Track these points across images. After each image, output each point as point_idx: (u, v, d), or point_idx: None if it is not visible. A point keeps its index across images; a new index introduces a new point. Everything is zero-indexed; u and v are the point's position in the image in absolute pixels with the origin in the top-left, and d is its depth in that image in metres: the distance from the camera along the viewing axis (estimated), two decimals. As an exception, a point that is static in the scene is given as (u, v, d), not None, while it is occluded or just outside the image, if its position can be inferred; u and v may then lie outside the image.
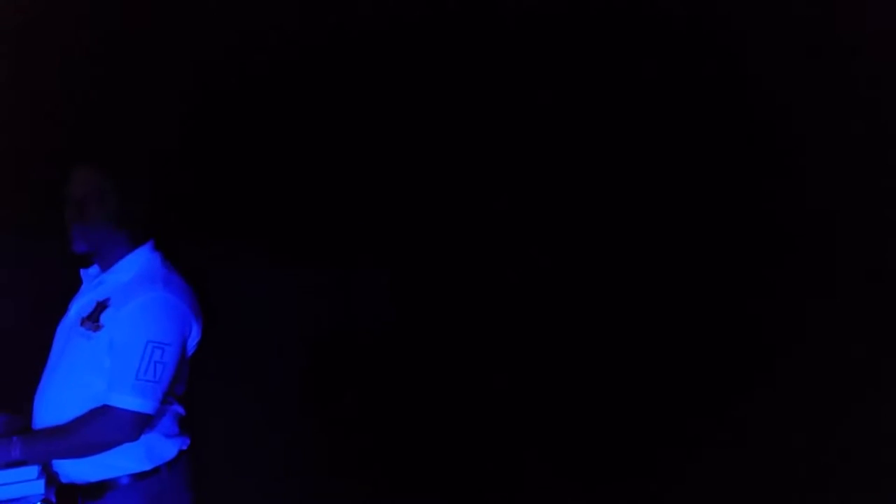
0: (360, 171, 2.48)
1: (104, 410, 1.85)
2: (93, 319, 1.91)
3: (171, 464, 1.97)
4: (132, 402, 1.84)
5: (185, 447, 2.02)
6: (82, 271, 2.06)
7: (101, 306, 1.91)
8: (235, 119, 2.45)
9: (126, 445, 1.88)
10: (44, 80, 2.40)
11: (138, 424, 1.86)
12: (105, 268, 1.99)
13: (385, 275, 2.47)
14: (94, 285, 2.00)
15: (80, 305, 1.99)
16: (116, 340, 1.87)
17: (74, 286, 2.15)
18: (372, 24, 2.42)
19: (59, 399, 1.91)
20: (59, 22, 2.36)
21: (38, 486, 1.83)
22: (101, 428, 1.85)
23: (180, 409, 2.02)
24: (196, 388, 2.07)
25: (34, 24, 2.36)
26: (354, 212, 2.49)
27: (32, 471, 1.84)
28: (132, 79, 2.41)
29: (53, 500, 1.84)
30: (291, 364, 2.42)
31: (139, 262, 1.97)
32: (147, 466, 1.93)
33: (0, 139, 2.37)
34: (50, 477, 1.89)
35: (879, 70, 2.02)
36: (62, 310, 2.11)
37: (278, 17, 2.43)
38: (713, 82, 2.24)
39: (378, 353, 2.42)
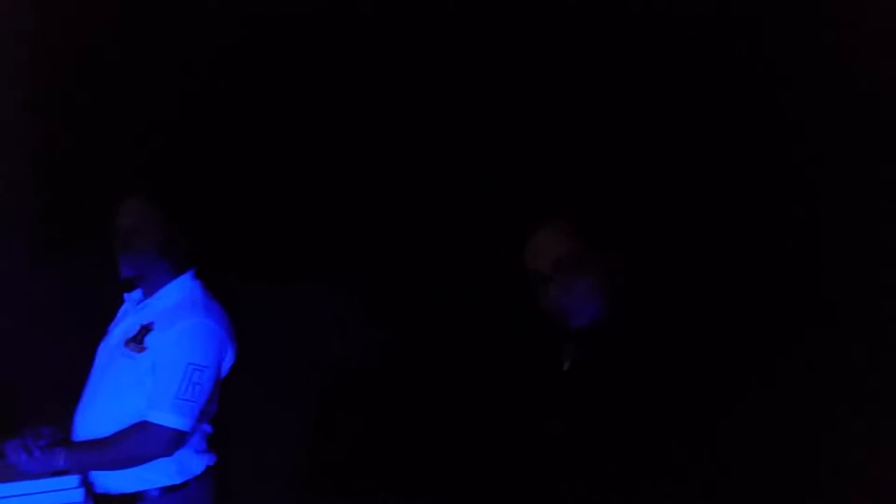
0: (350, 185, 2.58)
1: (144, 426, 1.99)
2: (137, 341, 2.05)
3: (198, 478, 2.11)
4: (171, 419, 1.99)
5: (211, 463, 2.16)
6: (126, 295, 2.20)
7: (146, 329, 2.06)
8: (217, 142, 2.57)
9: (160, 459, 2.02)
10: (73, 101, 2.55)
11: (175, 441, 2.00)
12: (148, 293, 2.14)
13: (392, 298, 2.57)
14: (138, 309, 2.14)
15: (123, 328, 2.13)
16: (159, 361, 2.02)
17: (109, 308, 2.30)
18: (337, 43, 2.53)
19: (101, 414, 2.05)
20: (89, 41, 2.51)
21: (79, 495, 1.96)
22: (140, 442, 1.99)
23: (209, 428, 2.16)
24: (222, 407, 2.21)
25: (70, 47, 2.51)
26: (367, 233, 2.59)
27: (73, 479, 1.97)
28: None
29: (92, 507, 1.97)
30: (306, 379, 2.57)
31: (182, 289, 2.13)
32: (177, 480, 2.07)
33: (40, 161, 2.51)
34: (87, 488, 2.02)
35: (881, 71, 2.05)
36: (98, 331, 2.26)
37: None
38: (710, 85, 2.27)
39: (392, 368, 2.54)
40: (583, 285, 1.78)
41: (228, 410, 2.21)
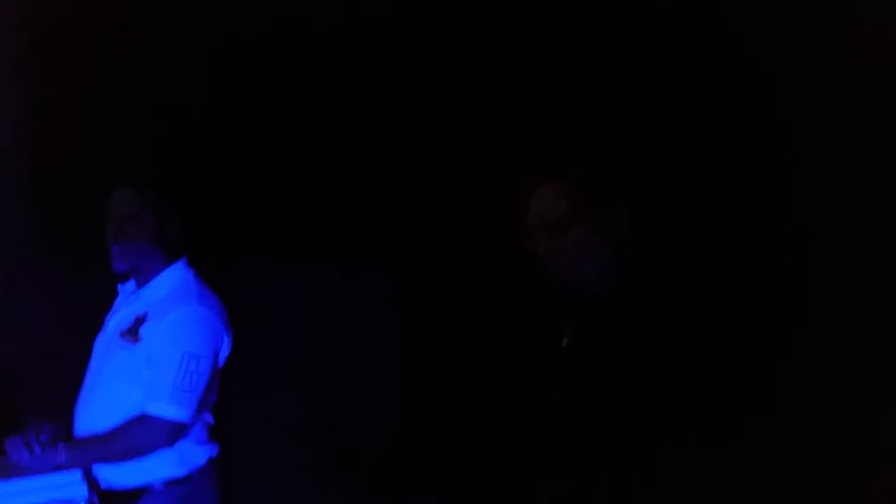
0: (365, 173, 2.54)
1: (143, 419, 1.96)
2: (132, 333, 2.03)
3: (201, 470, 2.08)
4: (169, 410, 1.96)
5: (214, 455, 2.13)
6: (119, 286, 2.18)
7: (140, 320, 2.03)
8: (229, 125, 2.53)
9: (161, 452, 2.00)
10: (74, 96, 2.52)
11: (175, 432, 1.98)
12: (141, 283, 2.11)
13: (389, 278, 2.53)
14: (132, 300, 2.12)
15: (118, 319, 2.10)
16: (154, 352, 1.99)
17: (106, 301, 2.27)
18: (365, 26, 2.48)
19: (99, 408, 2.03)
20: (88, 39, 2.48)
21: (82, 490, 1.94)
22: (140, 435, 1.96)
23: (210, 418, 2.13)
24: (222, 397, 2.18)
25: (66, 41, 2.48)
26: (362, 214, 2.55)
27: (76, 475, 1.95)
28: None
29: (97, 501, 1.95)
30: (312, 371, 2.54)
31: (174, 277, 2.09)
32: (180, 473, 2.04)
33: (39, 155, 2.49)
34: (91, 483, 2.00)
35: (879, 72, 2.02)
36: (96, 325, 2.23)
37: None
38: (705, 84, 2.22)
39: (399, 357, 2.51)
40: (577, 234, 1.72)
41: (231, 402, 2.19)
